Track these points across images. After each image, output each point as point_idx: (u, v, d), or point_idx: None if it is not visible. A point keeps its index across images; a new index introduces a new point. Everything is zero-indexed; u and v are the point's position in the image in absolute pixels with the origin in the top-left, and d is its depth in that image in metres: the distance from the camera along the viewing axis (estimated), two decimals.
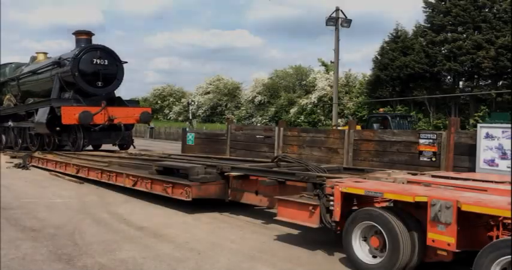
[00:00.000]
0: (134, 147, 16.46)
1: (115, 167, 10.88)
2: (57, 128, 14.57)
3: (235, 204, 8.28)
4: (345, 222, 5.29)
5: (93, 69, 15.37)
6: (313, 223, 5.71)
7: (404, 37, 32.33)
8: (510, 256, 3.88)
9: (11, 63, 21.07)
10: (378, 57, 33.71)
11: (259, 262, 5.50)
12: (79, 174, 12.01)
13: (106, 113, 14.74)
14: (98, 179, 11.02)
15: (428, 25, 31.34)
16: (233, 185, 8.15)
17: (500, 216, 4.25)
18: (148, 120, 16.76)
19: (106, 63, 15.53)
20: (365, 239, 5.15)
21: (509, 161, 8.05)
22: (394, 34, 33.38)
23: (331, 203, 5.44)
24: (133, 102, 18.06)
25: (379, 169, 7.67)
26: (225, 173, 8.09)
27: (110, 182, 10.51)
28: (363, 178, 6.16)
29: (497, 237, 4.31)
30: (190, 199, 7.93)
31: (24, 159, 15.50)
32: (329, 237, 5.70)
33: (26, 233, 6.78)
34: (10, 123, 18.31)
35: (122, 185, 10.00)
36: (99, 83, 15.54)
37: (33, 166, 15.02)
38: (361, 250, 5.13)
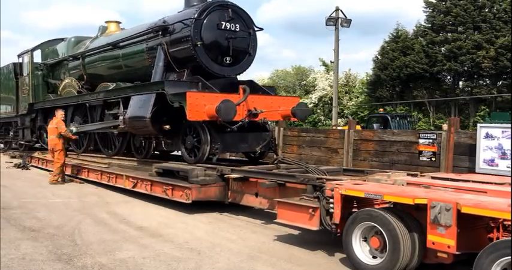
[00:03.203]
0: (277, 155, 9.88)
1: (115, 169, 10.88)
2: (167, 126, 9.43)
3: (235, 205, 8.28)
4: (344, 224, 5.28)
5: (221, 38, 9.55)
6: (313, 225, 5.70)
7: (404, 37, 32.33)
8: (510, 257, 3.88)
9: (62, 38, 15.83)
10: (378, 57, 33.72)
11: (259, 262, 5.50)
12: (79, 175, 12.02)
13: (245, 105, 9.08)
14: (97, 181, 11.02)
15: (429, 25, 31.35)
16: (233, 187, 8.15)
17: (500, 218, 4.24)
18: (306, 116, 11.03)
19: (237, 29, 9.77)
20: (365, 240, 5.15)
21: (509, 161, 8.05)
22: (394, 34, 33.38)
23: (331, 205, 5.44)
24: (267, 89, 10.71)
25: (379, 170, 7.67)
26: (225, 175, 8.09)
27: (109, 183, 10.52)
28: (363, 180, 6.15)
29: (498, 239, 4.32)
30: (190, 201, 7.93)
31: (24, 159, 15.51)
32: (329, 238, 5.70)
33: (26, 233, 6.77)
34: (73, 125, 13.15)
35: (121, 186, 10.00)
36: (228, 58, 9.74)
37: (33, 166, 15.03)
38: (361, 250, 5.13)
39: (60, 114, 12.21)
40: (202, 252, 5.85)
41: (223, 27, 9.52)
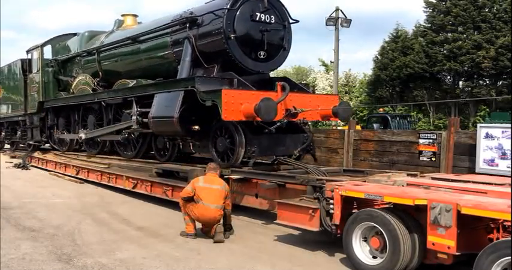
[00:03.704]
0: (316, 160, 9.76)
1: (115, 169, 10.85)
2: (196, 127, 8.53)
3: (236, 205, 8.26)
4: (344, 225, 5.28)
5: (254, 31, 8.67)
6: (314, 226, 5.71)
7: (404, 37, 32.33)
8: (510, 257, 3.88)
9: (74, 33, 14.81)
10: (378, 57, 33.72)
11: (259, 262, 5.50)
12: (79, 176, 12.01)
13: (283, 104, 8.11)
14: (97, 181, 11.02)
15: (429, 25, 31.35)
16: (233, 188, 8.13)
17: (500, 219, 4.24)
18: (349, 116, 9.69)
19: (272, 20, 8.92)
20: (365, 240, 5.15)
21: (509, 161, 8.05)
22: (394, 34, 33.38)
23: (331, 206, 5.44)
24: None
25: (379, 171, 7.67)
26: (225, 176, 8.08)
27: (109, 184, 10.51)
28: (363, 181, 6.15)
29: (498, 239, 4.31)
30: None
31: (24, 159, 15.51)
32: (329, 238, 5.70)
33: (26, 233, 6.77)
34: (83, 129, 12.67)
35: (121, 187, 10.00)
36: (262, 53, 8.89)
37: (33, 166, 15.03)
38: (361, 250, 5.13)
39: None
40: (202, 252, 5.86)
41: (257, 19, 8.65)
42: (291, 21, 9.30)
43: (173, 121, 8.27)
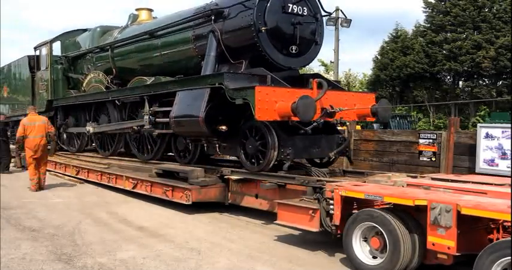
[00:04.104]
0: (351, 163, 9.52)
1: (115, 169, 10.81)
2: (223, 127, 7.92)
3: (236, 205, 8.28)
4: (344, 225, 5.28)
5: (286, 24, 8.04)
6: (314, 227, 5.70)
7: (404, 37, 32.36)
8: (510, 257, 3.89)
9: (84, 29, 14.26)
10: (378, 57, 33.75)
11: (259, 262, 5.50)
12: (79, 176, 12.01)
13: (319, 102, 7.44)
14: (97, 181, 11.02)
15: (428, 25, 31.37)
16: (233, 188, 8.14)
17: (500, 219, 4.25)
18: (389, 116, 9.10)
19: (305, 12, 8.28)
20: (365, 240, 5.15)
21: (509, 161, 8.05)
22: (394, 34, 33.41)
23: (331, 206, 5.44)
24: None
25: (379, 172, 7.67)
26: (225, 176, 8.09)
27: (109, 184, 10.51)
28: (363, 181, 6.15)
29: (498, 240, 4.31)
30: (190, 203, 7.92)
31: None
32: (329, 238, 5.70)
33: (26, 233, 6.78)
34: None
35: (121, 187, 10.00)
36: (294, 48, 8.23)
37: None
38: (361, 251, 5.13)
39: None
40: (202, 252, 5.86)
41: (289, 11, 8.00)
42: (323, 13, 8.65)
43: (198, 121, 7.62)
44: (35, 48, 15.01)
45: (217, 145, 8.34)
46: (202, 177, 8.20)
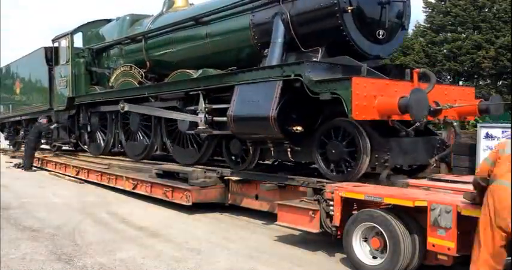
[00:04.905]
0: (450, 169, 7.39)
1: (115, 170, 10.80)
2: (298, 128, 6.53)
3: (236, 206, 8.27)
4: (344, 226, 5.28)
5: (372, 3, 6.87)
6: (314, 228, 5.69)
7: (404, 37, 32.40)
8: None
9: (107, 19, 13.15)
10: None
11: (259, 262, 5.50)
12: (79, 176, 12.00)
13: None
14: (97, 181, 11.01)
15: (428, 25, 31.38)
16: (233, 189, 8.12)
17: None
18: (500, 114, 7.91)
19: None
20: (365, 240, 5.15)
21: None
22: None
23: (331, 208, 5.43)
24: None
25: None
26: (225, 177, 8.07)
27: (109, 184, 10.50)
28: (363, 182, 6.14)
29: None
30: (190, 203, 7.91)
31: (24, 159, 15.49)
32: (329, 238, 5.70)
33: (26, 233, 6.78)
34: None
35: (121, 187, 9.99)
36: (381, 32, 6.96)
37: (33, 166, 15.02)
38: (361, 251, 5.13)
39: None
40: (202, 252, 5.85)
41: None
42: None
43: (268, 121, 6.32)
44: (53, 41, 13.73)
45: (288, 149, 6.90)
46: (203, 178, 8.19)
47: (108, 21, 12.96)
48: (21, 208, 8.60)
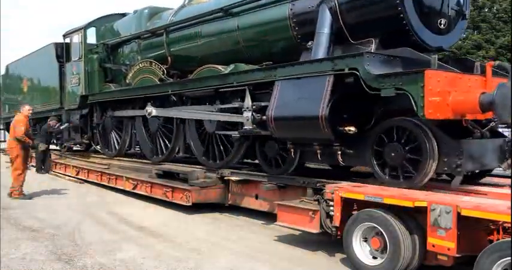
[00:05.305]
0: None
1: (115, 170, 10.81)
2: (351, 129, 5.91)
3: (235, 206, 8.27)
4: (344, 227, 5.28)
5: None
6: (314, 228, 5.69)
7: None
8: (511, 258, 3.89)
9: (121, 13, 12.54)
10: None
11: (259, 262, 5.50)
12: (79, 176, 12.01)
13: None
14: (97, 182, 11.02)
15: None
16: (233, 189, 8.12)
17: (500, 221, 4.25)
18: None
19: None
20: (366, 240, 5.15)
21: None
22: None
23: (331, 208, 5.43)
24: None
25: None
26: (225, 177, 8.07)
27: (109, 184, 10.50)
28: (363, 182, 6.14)
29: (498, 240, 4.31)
30: (190, 204, 7.92)
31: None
32: (329, 238, 5.70)
33: (26, 233, 6.78)
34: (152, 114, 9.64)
35: (121, 187, 9.99)
36: (443, 22, 6.32)
37: (33, 166, 15.00)
38: (361, 251, 5.13)
39: (27, 110, 10.00)
40: (202, 252, 5.86)
41: None
42: None
43: (318, 121, 5.65)
44: (64, 36, 13.12)
45: (339, 152, 6.17)
46: (203, 178, 8.20)
47: (123, 15, 12.36)
48: (21, 208, 8.60)
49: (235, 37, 8.18)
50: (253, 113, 7.07)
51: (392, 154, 5.61)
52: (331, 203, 5.43)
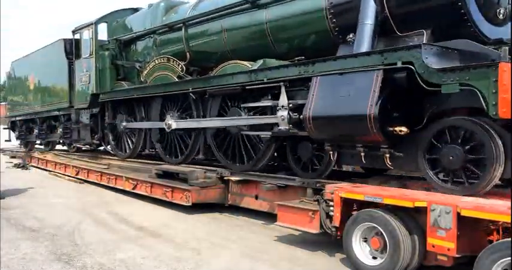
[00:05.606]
0: None
1: (115, 170, 10.81)
2: (402, 129, 5.27)
3: (235, 206, 8.27)
4: (344, 227, 5.28)
5: None
6: (314, 228, 5.69)
7: None
8: (511, 258, 3.89)
9: (134, 8, 12.09)
10: None
11: (259, 262, 5.50)
12: (79, 176, 12.01)
13: None
14: (97, 181, 11.02)
15: None
16: (233, 190, 8.12)
17: (500, 221, 4.25)
18: None
19: None
20: (365, 240, 5.16)
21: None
22: None
23: (331, 208, 5.43)
24: None
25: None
26: (225, 178, 8.07)
27: (109, 184, 10.50)
28: (363, 183, 6.15)
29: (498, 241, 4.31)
30: (190, 204, 7.92)
31: (23, 159, 15.51)
32: (329, 238, 5.71)
33: (26, 233, 6.78)
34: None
35: (121, 187, 10.00)
36: (501, 11, 5.74)
37: (33, 166, 15.04)
38: (361, 251, 5.13)
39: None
40: (202, 252, 5.86)
41: None
42: None
43: (366, 120, 5.15)
44: (74, 32, 12.58)
45: (387, 155, 5.57)
46: (202, 178, 8.20)
47: (135, 10, 11.92)
48: (21, 208, 8.59)
49: (263, 30, 7.66)
50: (290, 112, 6.55)
51: (450, 157, 5.02)
52: (331, 203, 5.44)
